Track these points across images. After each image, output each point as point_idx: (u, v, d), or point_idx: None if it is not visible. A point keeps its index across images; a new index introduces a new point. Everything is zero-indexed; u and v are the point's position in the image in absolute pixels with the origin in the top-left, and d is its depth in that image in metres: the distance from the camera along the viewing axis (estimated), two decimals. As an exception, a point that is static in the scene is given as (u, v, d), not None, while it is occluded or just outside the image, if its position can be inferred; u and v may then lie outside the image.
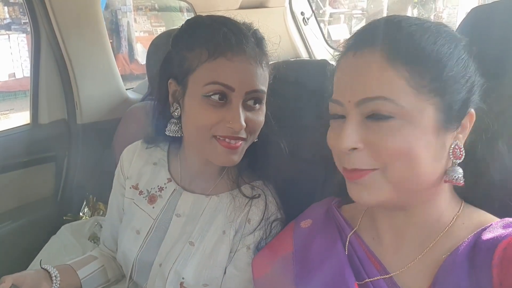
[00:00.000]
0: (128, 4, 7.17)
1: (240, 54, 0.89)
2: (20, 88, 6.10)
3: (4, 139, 1.72)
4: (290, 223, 0.95)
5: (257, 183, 1.05)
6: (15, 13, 6.32)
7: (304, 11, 2.54)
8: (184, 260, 0.98)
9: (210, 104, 0.90)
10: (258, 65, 0.92)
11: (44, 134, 1.83)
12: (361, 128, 0.66)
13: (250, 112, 0.92)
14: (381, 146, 0.64)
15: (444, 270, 0.66)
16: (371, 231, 0.79)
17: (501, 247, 0.61)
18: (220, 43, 0.89)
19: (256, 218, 1.00)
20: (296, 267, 0.82)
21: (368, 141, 0.65)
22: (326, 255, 0.79)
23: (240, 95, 0.89)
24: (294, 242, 0.87)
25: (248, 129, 0.92)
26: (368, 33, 0.69)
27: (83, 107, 1.85)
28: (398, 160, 0.64)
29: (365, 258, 0.75)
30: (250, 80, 0.90)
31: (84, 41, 1.81)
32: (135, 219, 1.07)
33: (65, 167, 1.91)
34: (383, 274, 0.72)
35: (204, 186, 1.05)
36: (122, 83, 2.04)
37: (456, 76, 0.65)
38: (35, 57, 1.79)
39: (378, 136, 0.64)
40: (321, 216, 0.89)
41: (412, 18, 0.68)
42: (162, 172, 1.09)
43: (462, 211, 0.72)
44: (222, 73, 0.88)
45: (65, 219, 1.81)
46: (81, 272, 1.09)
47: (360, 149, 0.66)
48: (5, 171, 1.71)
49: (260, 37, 0.96)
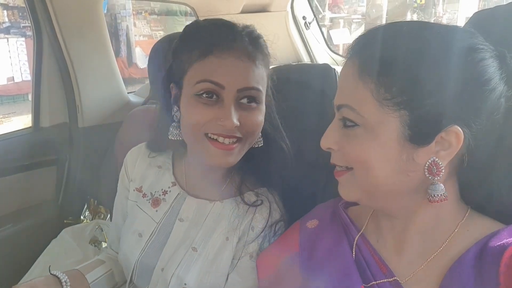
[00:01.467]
0: (127, 8, 7.19)
1: (230, 52, 0.88)
2: (19, 92, 6.12)
3: (5, 143, 1.72)
4: (295, 223, 0.94)
5: (262, 190, 1.03)
6: (14, 17, 6.34)
7: (306, 16, 2.55)
8: (186, 265, 0.97)
9: (201, 102, 0.89)
10: (251, 63, 0.90)
11: (45, 138, 1.83)
12: (337, 130, 0.71)
13: (245, 111, 0.91)
14: (346, 150, 0.70)
15: (450, 278, 0.65)
16: (376, 233, 0.79)
17: (508, 254, 0.60)
18: (210, 42, 0.89)
19: (260, 226, 0.99)
20: (302, 267, 0.82)
21: (341, 144, 0.70)
22: (332, 256, 0.79)
23: (232, 92, 0.88)
24: (300, 242, 0.87)
25: (244, 128, 0.91)
26: (357, 42, 0.71)
27: (84, 111, 1.85)
28: (358, 166, 0.69)
29: (372, 260, 0.75)
30: (241, 77, 0.89)
31: (86, 45, 1.81)
32: (137, 222, 1.07)
33: (67, 170, 1.91)
34: (389, 277, 0.72)
35: (208, 191, 1.05)
36: (123, 86, 2.05)
37: (431, 90, 0.62)
38: (37, 61, 1.80)
39: (346, 140, 0.69)
40: (328, 217, 0.88)
41: (406, 24, 0.68)
42: (166, 175, 1.09)
43: (467, 218, 0.71)
44: (211, 71, 0.88)
45: (66, 223, 1.81)
46: (89, 276, 1.09)
47: (335, 150, 0.72)
48: (7, 174, 1.71)
49: (256, 36, 0.95)
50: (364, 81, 0.65)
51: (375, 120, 0.65)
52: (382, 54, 0.65)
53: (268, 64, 0.97)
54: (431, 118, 0.63)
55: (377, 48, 0.66)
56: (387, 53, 0.65)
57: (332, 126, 0.72)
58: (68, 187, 1.92)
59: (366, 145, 0.66)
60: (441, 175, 0.64)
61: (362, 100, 0.65)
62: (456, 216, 0.71)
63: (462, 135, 0.63)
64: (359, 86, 0.66)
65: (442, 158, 0.64)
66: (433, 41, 0.63)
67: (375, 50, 0.66)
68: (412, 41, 0.64)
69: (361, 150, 0.67)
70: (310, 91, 1.23)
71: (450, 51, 0.63)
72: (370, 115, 0.65)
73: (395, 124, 0.64)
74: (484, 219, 0.71)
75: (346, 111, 0.68)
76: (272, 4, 2.39)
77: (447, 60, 0.63)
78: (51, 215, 1.86)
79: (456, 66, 0.63)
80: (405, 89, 0.62)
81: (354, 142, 0.68)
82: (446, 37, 0.64)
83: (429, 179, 0.65)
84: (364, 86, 0.65)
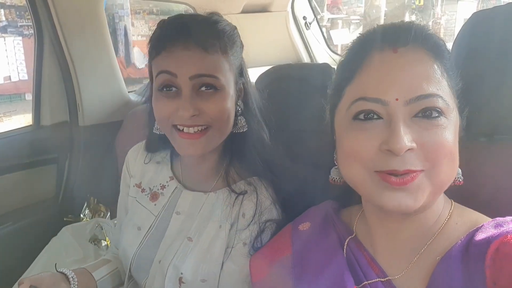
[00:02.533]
0: (125, 8, 7.16)
1: (180, 43, 0.91)
2: (16, 91, 6.08)
3: (6, 141, 1.72)
4: (287, 225, 0.95)
5: (252, 179, 1.05)
6: (12, 16, 6.26)
7: (306, 16, 2.55)
8: (182, 255, 0.99)
9: (164, 96, 0.94)
10: (202, 50, 0.91)
11: (46, 136, 1.84)
12: (410, 127, 0.63)
13: (205, 99, 0.92)
14: (435, 144, 0.62)
15: (438, 272, 0.66)
16: (367, 234, 0.79)
17: (493, 247, 0.61)
18: (161, 38, 0.94)
19: (250, 213, 1.00)
20: (294, 270, 0.82)
21: (421, 140, 0.62)
22: (325, 258, 0.79)
23: (185, 81, 0.91)
24: (292, 245, 0.87)
25: (208, 115, 0.92)
26: (406, 30, 0.66)
27: (85, 109, 1.86)
28: (446, 159, 0.63)
29: (364, 261, 0.75)
30: (191, 65, 0.91)
31: (87, 44, 1.82)
32: (136, 216, 1.09)
33: (67, 169, 1.91)
34: (382, 277, 0.72)
35: (203, 184, 1.07)
36: (124, 86, 2.05)
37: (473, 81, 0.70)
38: (38, 59, 1.80)
39: (431, 134, 0.63)
40: (320, 219, 0.88)
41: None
42: (164, 170, 1.12)
43: (453, 212, 0.72)
44: (163, 63, 0.93)
45: (66, 221, 1.81)
46: (96, 273, 1.10)
47: (414, 149, 0.62)
48: (7, 172, 1.71)
49: (212, 21, 0.97)
50: (441, 71, 0.65)
51: (453, 107, 0.66)
52: (443, 44, 0.67)
53: (231, 49, 0.97)
54: (464, 105, 0.69)
55: (444, 41, 0.68)
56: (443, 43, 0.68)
57: (403, 124, 0.62)
58: (68, 185, 1.92)
59: (452, 134, 0.64)
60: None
61: (444, 87, 0.65)
62: (446, 209, 0.72)
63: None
64: (438, 74, 0.65)
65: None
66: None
67: (437, 38, 0.68)
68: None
69: (450, 140, 0.63)
70: (310, 90, 1.23)
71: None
72: (451, 103, 0.65)
73: (456, 111, 0.67)
74: (469, 212, 0.72)
75: (433, 100, 0.63)
76: (272, 4, 2.40)
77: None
78: (51, 213, 1.86)
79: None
80: (457, 80, 0.68)
81: (441, 134, 0.63)
82: None
83: None
84: (442, 75, 0.65)
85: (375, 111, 0.65)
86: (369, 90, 0.65)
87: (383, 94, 0.63)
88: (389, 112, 0.63)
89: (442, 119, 0.63)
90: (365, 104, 0.65)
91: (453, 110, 0.65)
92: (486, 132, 0.88)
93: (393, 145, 0.61)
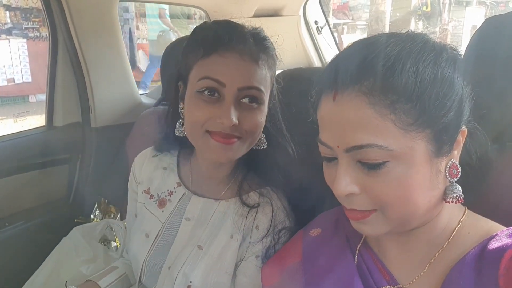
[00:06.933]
0: (130, 11, 7.19)
1: (234, 51, 0.89)
2: (19, 93, 6.10)
3: (19, 141, 1.75)
4: (299, 231, 0.94)
5: (265, 190, 1.04)
6: (17, 18, 6.26)
7: (318, 20, 2.55)
8: (192, 263, 0.99)
9: (202, 99, 0.90)
10: (254, 63, 0.91)
11: (58, 137, 1.86)
12: (354, 171, 0.63)
13: (245, 111, 0.91)
14: (379, 192, 0.63)
15: (450, 280, 0.65)
16: (378, 241, 0.78)
17: (507, 256, 0.60)
18: (215, 40, 0.90)
19: (264, 225, 1.00)
20: (305, 276, 0.82)
21: (364, 186, 0.63)
22: (335, 264, 0.79)
23: (232, 91, 0.89)
24: (303, 251, 0.87)
25: (243, 128, 0.91)
26: (346, 70, 0.63)
27: (97, 111, 1.88)
28: (397, 202, 0.63)
29: (374, 267, 0.75)
30: (242, 76, 0.89)
31: (101, 46, 1.84)
32: (145, 223, 1.09)
33: (78, 169, 1.93)
34: (392, 284, 0.72)
35: (213, 190, 1.06)
36: (136, 88, 2.07)
37: (442, 102, 0.61)
38: (52, 61, 1.83)
39: (375, 181, 0.62)
40: (331, 225, 0.88)
41: (390, 42, 0.63)
42: (171, 176, 1.11)
43: (466, 220, 0.71)
44: (213, 68, 0.89)
45: (77, 221, 1.82)
46: (102, 282, 1.11)
47: (357, 193, 0.64)
48: (19, 172, 1.74)
49: (262, 37, 0.96)
50: (382, 114, 0.59)
51: (405, 148, 0.60)
52: (394, 80, 0.60)
53: (273, 66, 0.98)
54: (452, 127, 0.64)
55: (386, 74, 0.60)
56: (398, 78, 0.59)
57: (344, 170, 0.63)
58: (80, 186, 1.94)
59: (403, 178, 0.61)
60: (459, 174, 0.66)
61: (386, 134, 0.60)
62: (457, 216, 0.71)
63: (466, 131, 0.67)
64: (377, 121, 0.60)
65: (455, 158, 0.66)
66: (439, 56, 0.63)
67: (383, 76, 0.60)
68: (418, 61, 0.61)
69: (398, 185, 0.61)
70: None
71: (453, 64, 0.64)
72: (399, 146, 0.60)
73: (423, 144, 0.61)
74: (483, 221, 0.71)
75: (369, 151, 0.60)
76: (284, 8, 2.41)
77: (457, 71, 0.64)
78: (63, 213, 1.88)
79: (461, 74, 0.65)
80: (425, 108, 0.60)
81: (386, 180, 0.61)
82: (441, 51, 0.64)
83: (449, 181, 0.66)
84: (383, 118, 0.59)
85: (327, 154, 0.68)
86: (322, 136, 0.68)
87: (331, 141, 0.65)
88: (335, 155, 0.66)
89: (386, 165, 0.61)
90: (319, 145, 0.69)
91: (406, 148, 0.60)
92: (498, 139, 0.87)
93: (335, 190, 0.65)
